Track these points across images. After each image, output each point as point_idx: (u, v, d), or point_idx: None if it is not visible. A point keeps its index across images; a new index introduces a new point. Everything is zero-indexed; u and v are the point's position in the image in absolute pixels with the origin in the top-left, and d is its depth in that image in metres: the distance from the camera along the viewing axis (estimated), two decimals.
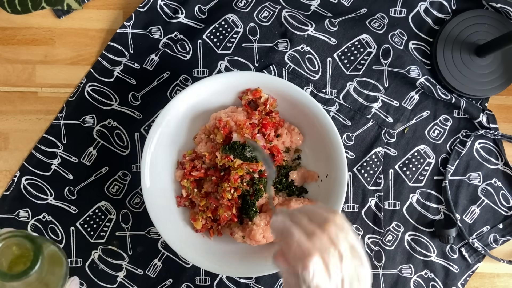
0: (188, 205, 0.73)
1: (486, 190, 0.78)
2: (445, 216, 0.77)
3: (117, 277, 0.75)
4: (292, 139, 0.72)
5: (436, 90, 0.76)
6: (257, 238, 0.69)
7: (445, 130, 0.78)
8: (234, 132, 0.69)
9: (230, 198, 0.69)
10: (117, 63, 0.77)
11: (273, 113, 0.72)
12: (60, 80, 0.77)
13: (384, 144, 0.77)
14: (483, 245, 0.77)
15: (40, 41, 0.78)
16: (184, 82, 0.77)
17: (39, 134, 0.77)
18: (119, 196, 0.76)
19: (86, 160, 0.76)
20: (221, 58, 0.77)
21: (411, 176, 0.77)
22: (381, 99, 0.78)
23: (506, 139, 0.78)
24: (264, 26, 0.78)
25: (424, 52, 0.79)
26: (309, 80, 0.77)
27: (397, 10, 0.79)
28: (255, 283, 0.75)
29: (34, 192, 0.76)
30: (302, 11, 0.78)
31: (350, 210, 0.77)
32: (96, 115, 0.77)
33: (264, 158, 0.62)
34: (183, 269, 0.76)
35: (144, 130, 0.77)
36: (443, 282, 0.77)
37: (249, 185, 0.71)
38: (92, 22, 0.78)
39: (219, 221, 0.71)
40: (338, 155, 0.68)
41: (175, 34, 0.78)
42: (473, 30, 0.77)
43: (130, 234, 0.76)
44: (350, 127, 0.77)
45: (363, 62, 0.78)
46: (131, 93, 0.77)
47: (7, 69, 0.77)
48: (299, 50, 0.77)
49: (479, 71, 0.77)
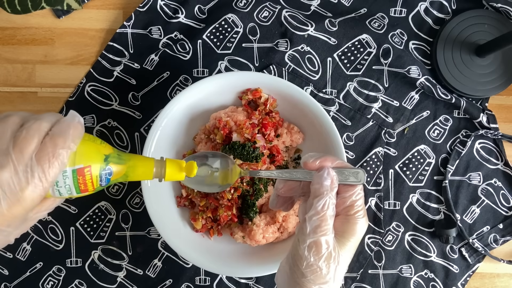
0: (188, 205, 0.73)
1: (486, 190, 0.78)
2: (445, 216, 0.77)
3: (117, 277, 0.75)
4: (292, 138, 0.72)
5: (436, 90, 0.76)
6: (257, 238, 0.69)
7: (445, 130, 0.78)
8: (234, 132, 0.69)
9: (230, 198, 0.69)
10: (117, 63, 0.77)
11: (273, 113, 0.72)
12: (60, 80, 0.78)
13: (384, 144, 0.77)
14: (483, 245, 0.77)
15: (40, 41, 0.78)
16: (184, 82, 0.77)
17: None
18: (119, 196, 0.76)
19: None
20: (221, 58, 0.77)
21: (411, 176, 0.77)
22: (381, 99, 0.78)
23: (506, 139, 0.78)
24: (264, 26, 0.78)
25: (424, 52, 0.79)
26: (309, 80, 0.77)
27: (397, 10, 0.79)
28: (255, 283, 0.75)
29: None
30: (302, 11, 0.78)
31: None
32: (96, 115, 0.77)
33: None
34: (183, 269, 0.76)
35: (144, 130, 0.77)
36: (443, 282, 0.77)
37: (249, 185, 0.71)
38: (92, 22, 0.78)
39: (219, 221, 0.71)
40: (338, 155, 0.68)
41: (175, 34, 0.78)
42: (473, 30, 0.77)
43: (130, 234, 0.76)
44: (350, 127, 0.77)
45: (363, 62, 0.78)
46: (131, 93, 0.77)
47: (7, 69, 0.77)
48: (299, 50, 0.77)
49: (479, 71, 0.77)
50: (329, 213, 0.44)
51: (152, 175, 0.48)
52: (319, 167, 0.47)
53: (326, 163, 0.47)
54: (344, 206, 0.46)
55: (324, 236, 0.44)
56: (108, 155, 0.45)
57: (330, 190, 0.45)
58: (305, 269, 0.44)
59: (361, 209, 0.46)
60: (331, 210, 0.45)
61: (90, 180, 0.44)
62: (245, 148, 0.68)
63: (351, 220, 0.45)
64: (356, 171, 0.46)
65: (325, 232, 0.44)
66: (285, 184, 0.50)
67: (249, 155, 0.68)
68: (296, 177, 0.48)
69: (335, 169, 0.47)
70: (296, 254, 0.45)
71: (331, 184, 0.45)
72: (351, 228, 0.45)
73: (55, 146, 0.40)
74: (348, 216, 0.45)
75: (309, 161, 0.47)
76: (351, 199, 0.46)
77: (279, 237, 0.71)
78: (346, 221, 0.45)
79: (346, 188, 0.46)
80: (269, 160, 0.72)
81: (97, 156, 0.44)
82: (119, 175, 0.46)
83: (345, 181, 0.46)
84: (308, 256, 0.44)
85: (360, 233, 0.46)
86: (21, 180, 0.38)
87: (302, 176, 0.48)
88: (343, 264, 0.45)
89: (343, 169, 0.47)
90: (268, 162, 0.71)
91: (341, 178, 0.46)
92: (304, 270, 0.44)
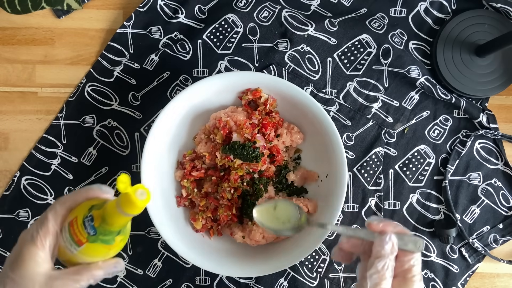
0: (188, 205, 0.73)
1: (486, 190, 0.78)
2: (445, 216, 0.77)
3: (117, 277, 0.75)
4: (292, 138, 0.72)
5: (436, 90, 0.76)
6: (257, 238, 0.69)
7: (445, 130, 0.78)
8: (234, 132, 0.69)
9: (230, 198, 0.69)
10: (117, 63, 0.77)
11: (273, 113, 0.72)
12: (60, 80, 0.78)
13: (384, 144, 0.77)
14: (483, 245, 0.77)
15: (40, 41, 0.78)
16: (184, 82, 0.77)
17: (39, 134, 0.77)
18: None
19: (86, 160, 0.76)
20: (221, 58, 0.77)
21: (411, 176, 0.77)
22: (381, 99, 0.78)
23: (506, 139, 0.78)
24: (264, 26, 0.78)
25: (424, 52, 0.79)
26: (309, 80, 0.77)
27: (397, 10, 0.79)
28: (255, 283, 0.75)
29: (34, 192, 0.76)
30: (302, 11, 0.78)
31: (350, 210, 0.77)
32: (96, 115, 0.77)
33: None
34: (183, 269, 0.76)
35: (144, 130, 0.77)
36: (443, 282, 0.77)
37: (249, 185, 0.71)
38: (92, 22, 0.78)
39: (219, 221, 0.71)
40: (338, 155, 0.68)
41: (175, 34, 0.78)
42: (473, 30, 0.77)
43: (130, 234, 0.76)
44: (350, 127, 0.77)
45: (363, 62, 0.78)
46: (131, 93, 0.77)
47: (7, 69, 0.77)
48: (299, 50, 0.77)
49: (479, 71, 0.77)
50: (388, 274, 0.49)
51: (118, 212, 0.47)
52: (381, 230, 0.51)
53: (389, 228, 0.52)
54: (402, 269, 0.50)
55: None
56: (95, 204, 0.48)
57: (390, 254, 0.50)
58: None
59: (418, 273, 0.50)
60: (390, 271, 0.49)
61: (77, 229, 0.47)
62: (245, 148, 0.68)
63: (408, 282, 0.50)
64: (415, 239, 0.51)
65: None
66: (349, 240, 0.54)
67: (249, 155, 0.68)
68: (360, 236, 0.53)
69: (396, 235, 0.51)
70: None
71: (391, 248, 0.50)
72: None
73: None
74: (405, 278, 0.50)
75: (373, 223, 0.52)
76: (409, 264, 0.50)
77: (279, 237, 0.71)
78: (403, 283, 0.50)
79: (405, 253, 0.51)
80: (269, 160, 0.72)
81: (85, 207, 0.49)
82: (98, 220, 0.47)
83: (404, 247, 0.51)
84: None
85: None
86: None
87: (365, 236, 0.52)
88: None
89: (403, 235, 0.51)
90: (268, 162, 0.71)
91: (400, 243, 0.50)
92: None
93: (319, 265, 0.76)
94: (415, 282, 0.50)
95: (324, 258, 0.76)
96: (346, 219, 0.76)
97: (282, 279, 0.75)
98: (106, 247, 0.49)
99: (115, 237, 0.49)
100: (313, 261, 0.76)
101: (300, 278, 0.75)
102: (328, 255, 0.76)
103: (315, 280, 0.76)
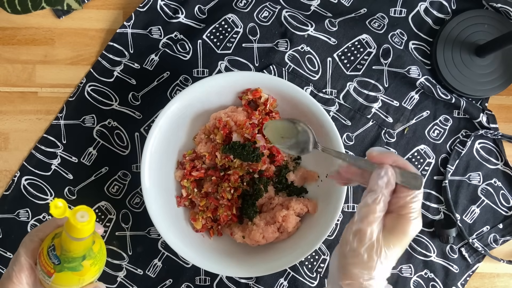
0: (188, 205, 0.73)
1: (486, 190, 0.78)
2: (445, 216, 0.77)
3: (117, 277, 0.75)
4: None
5: (436, 90, 0.76)
6: (257, 238, 0.69)
7: (445, 130, 0.78)
8: (234, 132, 0.69)
9: (230, 198, 0.70)
10: (117, 63, 0.77)
11: (273, 113, 0.72)
12: (60, 80, 0.78)
13: (384, 144, 0.77)
14: (483, 245, 0.77)
15: (40, 41, 0.78)
16: (184, 82, 0.77)
17: (39, 134, 0.77)
18: (119, 196, 0.76)
19: (86, 160, 0.76)
20: (221, 58, 0.77)
21: None
22: (381, 99, 0.78)
23: (506, 139, 0.78)
24: (264, 26, 0.78)
25: (424, 52, 0.79)
26: (309, 80, 0.77)
27: (397, 10, 0.79)
28: (255, 283, 0.75)
29: (34, 192, 0.76)
30: (302, 11, 0.78)
31: (350, 210, 0.77)
32: (96, 115, 0.77)
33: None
34: (183, 269, 0.76)
35: (144, 130, 0.77)
36: (443, 282, 0.77)
37: (249, 185, 0.71)
38: (92, 22, 0.78)
39: (219, 221, 0.71)
40: None
41: (175, 34, 0.78)
42: (473, 30, 0.77)
43: (130, 234, 0.76)
44: (350, 127, 0.77)
45: (363, 62, 0.78)
46: (131, 93, 0.77)
47: (7, 69, 0.77)
48: (299, 50, 0.77)
49: (479, 71, 0.77)
50: (379, 208, 0.46)
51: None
52: (380, 162, 0.48)
53: (388, 160, 0.48)
54: (398, 205, 0.47)
55: (370, 226, 0.46)
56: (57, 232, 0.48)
57: (385, 188, 0.47)
58: (348, 252, 0.47)
59: (415, 211, 0.47)
60: (381, 206, 0.47)
61: (44, 259, 0.47)
62: (245, 148, 0.68)
63: (401, 219, 0.47)
64: (415, 175, 0.47)
65: (371, 223, 0.46)
66: (347, 166, 0.51)
67: (249, 155, 0.68)
68: (360, 165, 0.49)
69: (397, 169, 0.47)
70: (343, 238, 0.49)
71: (387, 183, 0.47)
72: (401, 226, 0.47)
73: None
74: (399, 215, 0.47)
75: (373, 153, 0.49)
76: (405, 200, 0.47)
77: (279, 237, 0.71)
78: (396, 219, 0.47)
79: (403, 189, 0.47)
80: (269, 160, 0.72)
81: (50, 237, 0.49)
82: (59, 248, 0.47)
83: (403, 182, 0.47)
84: (352, 241, 0.47)
85: (411, 233, 0.47)
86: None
87: (363, 165, 0.49)
88: (389, 258, 0.47)
89: (404, 171, 0.47)
90: (268, 162, 0.71)
91: (401, 179, 0.47)
92: (347, 253, 0.47)
93: (319, 265, 0.76)
94: (409, 220, 0.46)
95: (324, 258, 0.76)
96: (346, 219, 0.76)
97: (282, 279, 0.75)
98: (76, 273, 0.47)
99: (82, 263, 0.47)
100: (313, 261, 0.76)
101: (300, 278, 0.75)
102: (328, 255, 0.76)
103: (315, 280, 0.76)
